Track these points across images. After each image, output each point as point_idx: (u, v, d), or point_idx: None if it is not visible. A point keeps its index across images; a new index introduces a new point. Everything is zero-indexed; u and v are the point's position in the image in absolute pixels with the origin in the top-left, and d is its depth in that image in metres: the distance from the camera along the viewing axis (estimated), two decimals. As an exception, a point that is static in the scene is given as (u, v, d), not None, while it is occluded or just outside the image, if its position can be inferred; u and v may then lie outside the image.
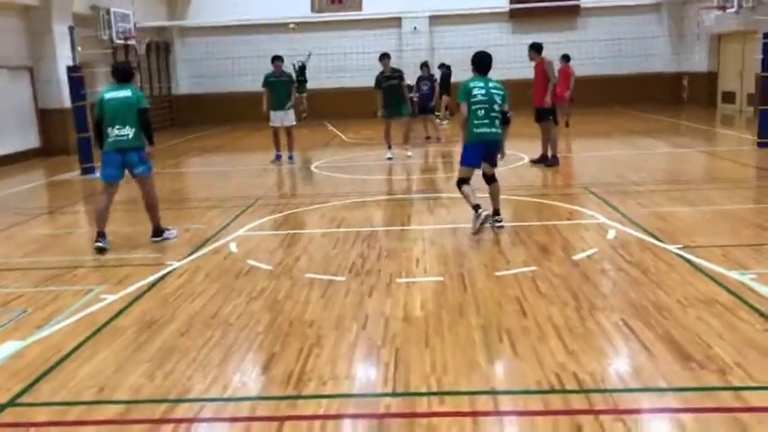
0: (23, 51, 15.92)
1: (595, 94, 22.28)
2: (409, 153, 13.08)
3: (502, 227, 7.17)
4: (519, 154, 12.23)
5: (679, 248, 6.14)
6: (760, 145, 12.16)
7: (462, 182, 7.18)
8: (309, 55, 21.86)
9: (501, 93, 7.20)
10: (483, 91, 7.09)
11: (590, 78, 22.48)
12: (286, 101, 12.82)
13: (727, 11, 17.61)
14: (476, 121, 7.05)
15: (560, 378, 3.78)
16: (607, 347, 4.20)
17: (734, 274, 5.36)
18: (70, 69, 12.92)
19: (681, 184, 9.90)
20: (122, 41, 18.12)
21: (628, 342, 4.25)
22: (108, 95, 7.10)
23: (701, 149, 13.23)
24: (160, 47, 23.23)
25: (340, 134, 18.75)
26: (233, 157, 15.46)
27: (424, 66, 16.70)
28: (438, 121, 18.16)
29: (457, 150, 9.63)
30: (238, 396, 3.79)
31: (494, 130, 7.11)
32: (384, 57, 12.76)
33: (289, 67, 14.13)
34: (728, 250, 6.09)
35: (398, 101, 12.59)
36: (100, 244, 6.97)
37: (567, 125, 16.22)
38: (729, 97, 20.52)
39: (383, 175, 11.80)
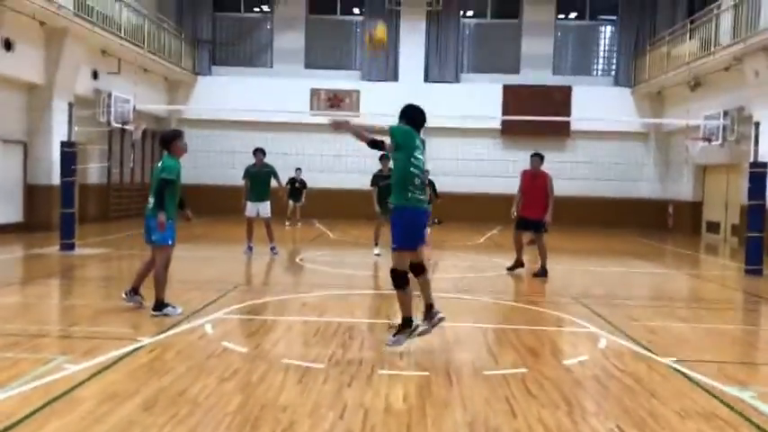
0: (20, 126, 16.00)
1: (582, 214, 22.61)
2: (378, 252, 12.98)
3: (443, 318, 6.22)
4: (507, 261, 12.12)
5: (673, 361, 5.90)
6: (747, 272, 12.14)
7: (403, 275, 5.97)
8: (299, 170, 21.53)
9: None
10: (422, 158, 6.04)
11: (578, 199, 22.91)
12: (264, 193, 12.78)
13: (713, 143, 18.16)
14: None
15: (553, 482, 3.47)
16: (603, 454, 3.90)
17: (732, 390, 5.11)
18: (64, 144, 12.92)
19: (670, 301, 9.77)
20: (120, 125, 18.30)
21: (625, 450, 3.95)
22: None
23: (688, 272, 13.21)
24: (156, 136, 23.49)
25: (327, 232, 18.68)
26: (218, 245, 15.26)
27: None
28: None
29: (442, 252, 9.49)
30: (199, 478, 3.43)
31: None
32: (383, 157, 12.92)
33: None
34: (723, 366, 5.86)
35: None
36: (123, 297, 7.32)
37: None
38: (714, 227, 20.81)
39: (369, 270, 11.60)
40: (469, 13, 24.83)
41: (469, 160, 23.65)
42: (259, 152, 13.13)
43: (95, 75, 18.22)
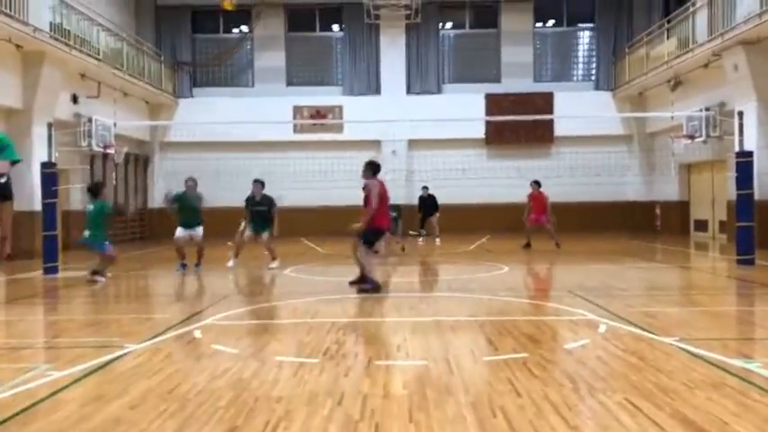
0: (-1, 152, 15.73)
1: (569, 219, 22.52)
2: (231, 264, 12.80)
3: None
4: (499, 264, 12.02)
5: (675, 340, 5.77)
6: (739, 262, 12.07)
7: None
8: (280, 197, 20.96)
9: None
10: None
11: (564, 205, 22.85)
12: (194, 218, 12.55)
13: (696, 140, 18.20)
14: None
15: (565, 451, 3.31)
16: (613, 424, 3.73)
17: (739, 362, 4.98)
18: (44, 165, 12.69)
19: (666, 290, 9.67)
20: (101, 149, 18.08)
21: (635, 418, 3.80)
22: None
23: (681, 266, 13.13)
24: (139, 159, 23.29)
25: (316, 248, 18.48)
26: (208, 263, 14.99)
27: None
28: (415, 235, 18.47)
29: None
30: (192, 465, 3.24)
31: None
32: (256, 182, 12.92)
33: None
34: (727, 342, 5.74)
35: (263, 224, 12.76)
36: None
37: (557, 246, 16.04)
38: (702, 225, 20.81)
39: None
40: (448, 24, 24.91)
41: (455, 170, 23.57)
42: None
43: (75, 99, 18.02)
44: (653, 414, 3.86)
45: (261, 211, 12.81)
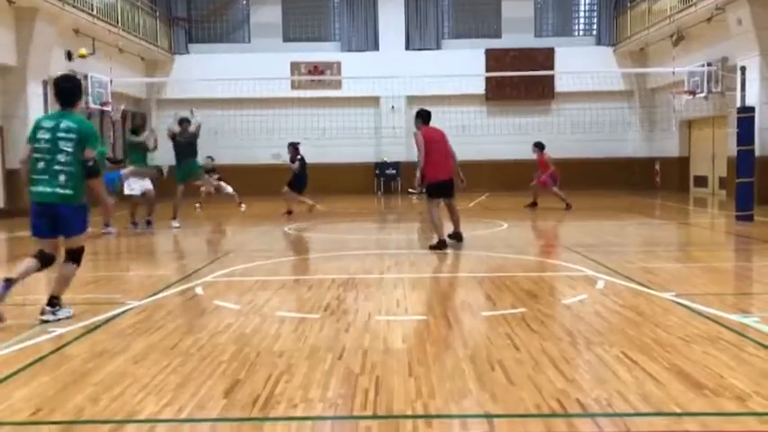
0: (-5, 110, 15.63)
1: (569, 176, 22.36)
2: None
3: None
4: (498, 221, 12.05)
5: (672, 295, 5.82)
6: (738, 218, 12.10)
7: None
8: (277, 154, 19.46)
9: (72, 135, 5.20)
10: (48, 135, 5.21)
11: (563, 160, 22.75)
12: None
13: (697, 96, 18.06)
14: (32, 176, 5.29)
15: (562, 403, 3.36)
16: (609, 376, 3.79)
17: (736, 317, 5.03)
18: (41, 122, 12.59)
19: (664, 245, 9.72)
20: (98, 107, 17.94)
21: (632, 372, 3.85)
22: None
23: (680, 222, 13.17)
24: (136, 116, 23.09)
25: (316, 205, 18.46)
26: (200, 221, 15.02)
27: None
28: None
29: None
30: (195, 418, 3.29)
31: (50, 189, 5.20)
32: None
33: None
34: (725, 297, 5.79)
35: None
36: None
37: (568, 207, 15.29)
38: (702, 181, 20.80)
39: (361, 234, 11.45)
40: (448, -22, 24.48)
41: (454, 126, 23.37)
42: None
43: (69, 56, 17.79)
44: (649, 367, 3.91)
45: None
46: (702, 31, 18.08)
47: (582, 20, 24.88)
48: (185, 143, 12.60)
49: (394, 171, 23.35)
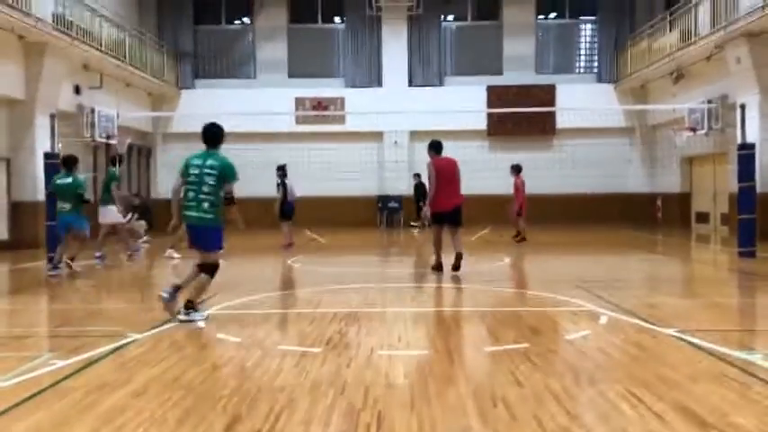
0: (3, 143, 15.75)
1: (570, 211, 22.58)
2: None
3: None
4: (500, 255, 12.04)
5: (676, 331, 5.79)
6: (741, 254, 12.08)
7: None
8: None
9: (215, 172, 6.54)
10: (197, 171, 6.55)
11: (565, 196, 22.89)
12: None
13: (698, 133, 18.19)
14: (185, 203, 6.63)
15: (566, 440, 3.34)
16: (613, 413, 3.76)
17: (740, 354, 5.00)
18: (48, 156, 12.71)
19: (667, 281, 9.69)
20: (104, 140, 18.09)
21: (636, 409, 3.82)
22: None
23: (682, 257, 13.15)
24: (142, 150, 23.30)
25: (319, 238, 18.51)
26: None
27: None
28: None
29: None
30: (196, 452, 3.27)
31: (196, 214, 6.55)
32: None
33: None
34: (729, 334, 5.76)
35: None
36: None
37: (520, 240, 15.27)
38: (703, 217, 20.81)
39: (363, 268, 11.44)
40: (450, 16, 24.82)
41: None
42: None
43: (77, 90, 18.02)
44: (654, 405, 3.88)
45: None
46: (702, 68, 18.28)
47: (583, 57, 25.16)
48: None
49: (396, 204, 23.42)
